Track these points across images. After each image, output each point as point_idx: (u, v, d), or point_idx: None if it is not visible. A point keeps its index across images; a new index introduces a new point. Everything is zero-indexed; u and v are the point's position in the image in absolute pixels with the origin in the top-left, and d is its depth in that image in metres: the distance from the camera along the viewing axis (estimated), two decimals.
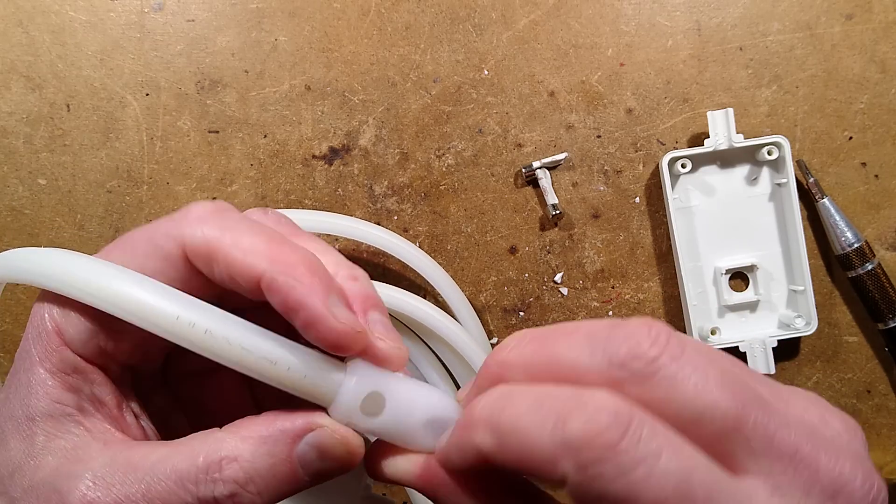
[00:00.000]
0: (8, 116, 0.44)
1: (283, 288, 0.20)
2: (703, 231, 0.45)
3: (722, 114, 0.43)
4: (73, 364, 0.22)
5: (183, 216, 0.22)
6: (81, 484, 0.20)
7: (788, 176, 0.43)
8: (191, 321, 0.20)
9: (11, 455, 0.21)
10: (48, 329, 0.22)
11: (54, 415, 0.22)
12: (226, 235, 0.21)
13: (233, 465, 0.20)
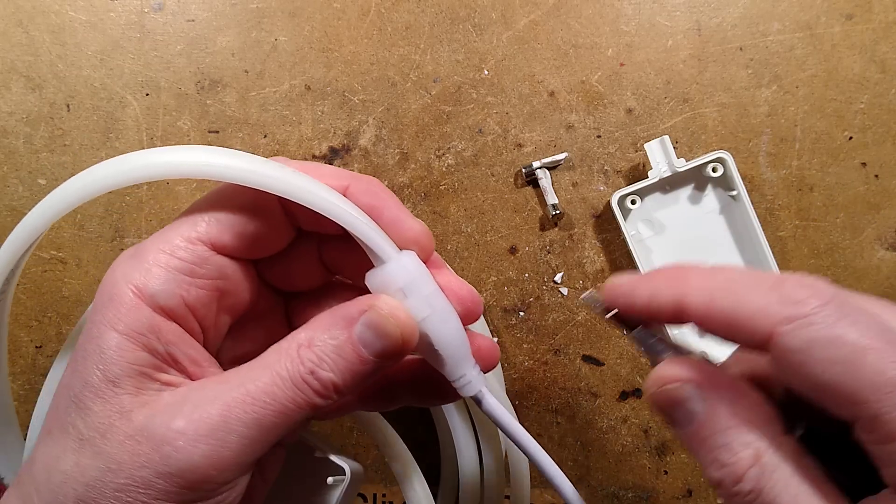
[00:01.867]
0: (8, 116, 0.44)
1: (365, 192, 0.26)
2: (667, 257, 0.45)
3: (657, 143, 0.42)
4: (148, 324, 0.23)
5: None
6: (179, 413, 0.22)
7: (738, 188, 0.42)
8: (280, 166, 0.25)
9: (98, 418, 0.22)
10: (122, 291, 0.23)
11: (133, 375, 0.23)
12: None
13: (308, 350, 0.23)
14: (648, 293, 0.23)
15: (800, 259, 0.45)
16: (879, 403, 0.18)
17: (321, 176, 0.26)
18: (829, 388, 0.19)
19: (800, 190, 0.45)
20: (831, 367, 0.19)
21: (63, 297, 0.44)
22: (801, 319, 0.20)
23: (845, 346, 0.19)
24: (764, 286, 0.21)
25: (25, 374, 0.44)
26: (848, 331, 0.19)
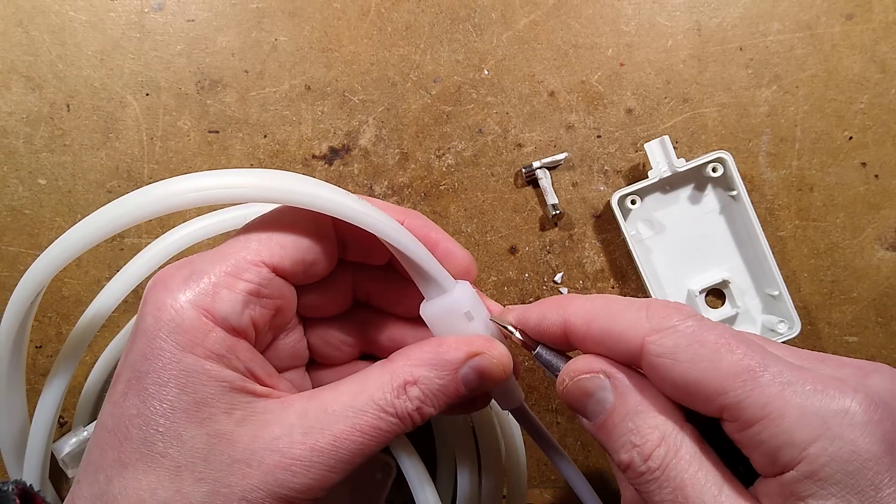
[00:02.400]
0: (8, 116, 0.44)
1: (420, 227, 0.28)
2: (667, 258, 0.45)
3: (657, 143, 0.42)
4: (225, 345, 0.24)
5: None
6: (290, 440, 0.23)
7: (738, 187, 0.42)
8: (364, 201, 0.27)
9: (195, 443, 0.23)
10: (192, 316, 0.23)
11: (223, 394, 0.23)
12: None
13: (414, 387, 0.25)
14: (538, 316, 0.27)
15: (800, 259, 0.45)
16: (738, 390, 0.21)
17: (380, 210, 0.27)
18: (695, 386, 0.22)
19: (800, 190, 0.45)
20: (695, 365, 0.22)
21: (63, 297, 0.44)
22: (666, 329, 0.23)
23: (706, 345, 0.22)
24: (634, 308, 0.24)
25: (25, 373, 0.44)
26: (707, 334, 0.22)
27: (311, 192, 0.25)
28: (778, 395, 0.20)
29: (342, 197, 0.26)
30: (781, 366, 0.21)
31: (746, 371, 0.21)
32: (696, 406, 0.22)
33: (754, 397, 0.20)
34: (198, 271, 0.24)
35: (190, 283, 0.24)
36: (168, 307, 0.23)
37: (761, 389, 0.20)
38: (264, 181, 0.25)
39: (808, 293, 0.45)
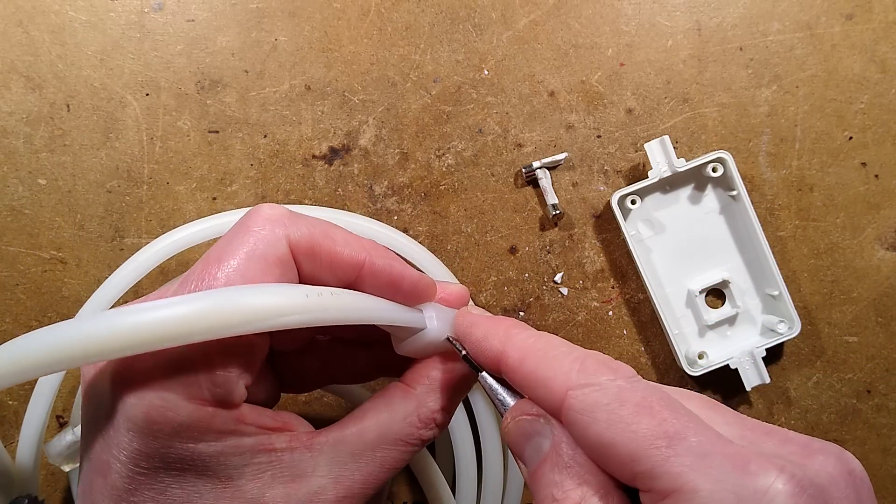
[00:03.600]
0: (8, 116, 0.44)
1: (385, 268, 0.25)
2: (667, 257, 0.45)
3: (657, 143, 0.42)
4: (229, 421, 0.23)
5: (265, 220, 0.23)
6: (322, 489, 0.23)
7: (738, 187, 0.42)
8: (319, 292, 0.23)
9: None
10: (188, 412, 0.21)
11: (246, 462, 0.23)
12: (318, 231, 0.24)
13: (439, 414, 0.26)
14: (481, 334, 0.25)
15: (800, 259, 0.45)
16: (652, 458, 0.19)
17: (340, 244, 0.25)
18: (610, 448, 0.20)
19: (800, 190, 0.45)
20: (611, 426, 0.20)
21: (63, 297, 0.44)
22: (591, 385, 0.21)
23: (626, 406, 0.20)
24: (570, 357, 0.22)
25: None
26: (632, 395, 0.20)
27: (246, 320, 0.20)
28: (693, 466, 0.19)
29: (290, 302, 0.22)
30: (704, 436, 0.19)
31: (664, 437, 0.19)
32: (612, 471, 0.21)
33: (668, 467, 0.19)
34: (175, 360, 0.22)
35: (170, 376, 0.21)
36: (158, 409, 0.21)
37: (677, 459, 0.19)
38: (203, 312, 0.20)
39: (808, 293, 0.45)
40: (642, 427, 0.20)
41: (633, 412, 0.20)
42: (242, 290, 0.21)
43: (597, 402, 0.21)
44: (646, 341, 0.45)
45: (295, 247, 0.23)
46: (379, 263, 0.25)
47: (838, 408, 0.45)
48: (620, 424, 0.20)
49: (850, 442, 0.45)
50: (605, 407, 0.20)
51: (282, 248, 0.23)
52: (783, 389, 0.45)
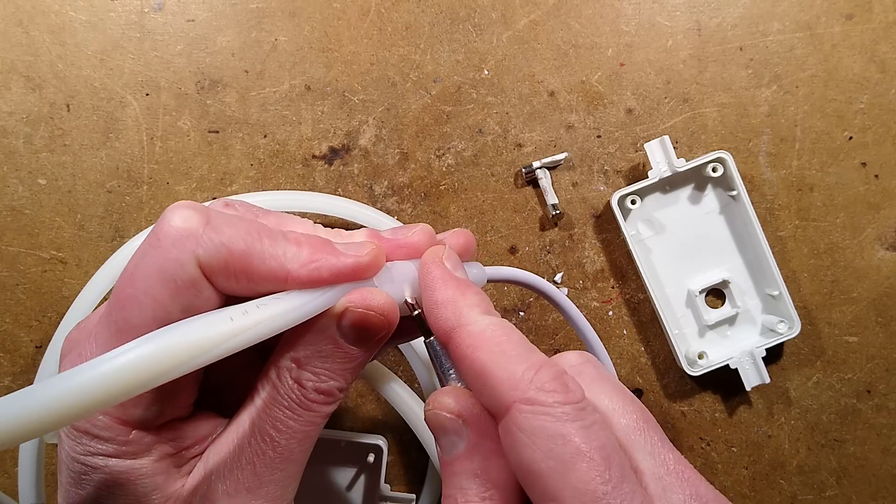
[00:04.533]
0: (8, 116, 0.44)
1: (311, 277, 0.23)
2: (667, 258, 0.45)
3: (657, 143, 0.42)
4: (150, 440, 0.23)
5: (175, 237, 0.22)
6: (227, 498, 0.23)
7: (738, 187, 0.42)
8: (244, 310, 0.22)
9: None
10: (107, 426, 0.22)
11: (158, 485, 0.23)
12: (236, 246, 0.22)
13: (298, 372, 0.23)
14: (441, 298, 0.24)
15: (800, 259, 0.45)
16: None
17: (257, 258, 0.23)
18: (537, 478, 0.20)
19: (800, 190, 0.45)
20: (547, 459, 0.20)
21: (63, 297, 0.44)
22: (540, 406, 0.20)
23: (567, 446, 0.19)
24: (526, 362, 0.21)
25: (25, 373, 0.44)
26: (576, 434, 0.20)
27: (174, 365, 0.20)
28: None
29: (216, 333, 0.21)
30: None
31: (590, 494, 0.19)
32: (529, 492, 0.21)
33: None
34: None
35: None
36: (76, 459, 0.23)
37: None
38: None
39: (808, 293, 0.45)
40: (573, 476, 0.19)
41: (572, 455, 0.19)
42: (163, 337, 0.20)
43: (541, 429, 0.20)
44: (646, 341, 0.45)
45: (206, 268, 0.22)
46: (303, 274, 0.23)
47: (838, 408, 0.45)
48: (553, 462, 0.19)
49: (849, 442, 0.45)
50: (545, 438, 0.20)
51: (190, 270, 0.22)
52: (783, 389, 0.45)
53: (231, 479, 0.23)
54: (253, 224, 0.23)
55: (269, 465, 0.23)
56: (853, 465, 0.45)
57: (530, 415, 0.20)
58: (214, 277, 0.22)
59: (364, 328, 0.23)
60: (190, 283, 0.22)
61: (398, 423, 0.44)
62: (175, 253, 0.21)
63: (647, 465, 0.21)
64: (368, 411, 0.45)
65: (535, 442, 0.20)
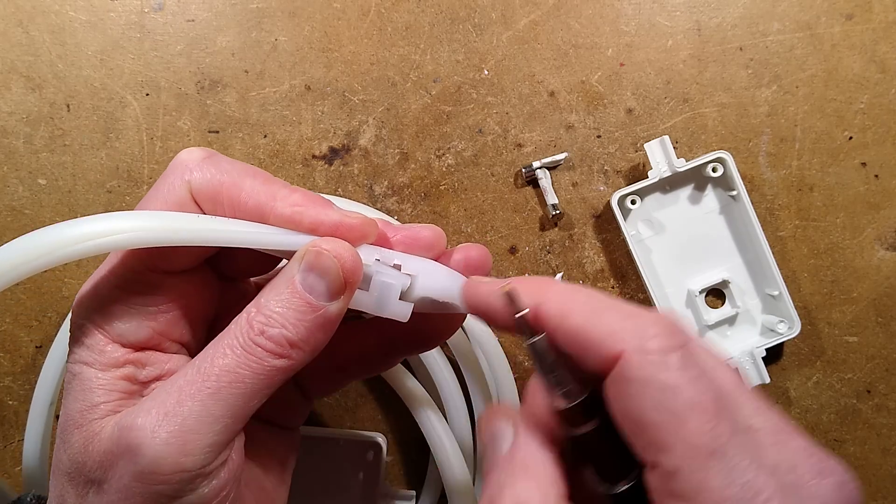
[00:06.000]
0: (8, 116, 0.44)
1: (292, 216, 0.24)
2: (667, 258, 0.45)
3: (657, 143, 0.42)
4: (123, 359, 0.23)
5: (175, 166, 0.25)
6: (142, 411, 0.22)
7: (738, 187, 0.42)
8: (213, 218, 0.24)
9: (77, 447, 0.22)
10: (91, 332, 0.23)
11: (111, 399, 0.23)
12: (227, 177, 0.24)
13: (254, 314, 0.23)
14: (522, 289, 0.23)
15: (800, 259, 0.45)
16: (685, 462, 0.19)
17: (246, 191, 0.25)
18: (647, 429, 0.20)
19: (800, 190, 0.45)
20: (658, 411, 0.19)
21: (63, 297, 0.44)
22: (649, 355, 0.20)
23: (679, 398, 0.19)
24: (621, 313, 0.21)
25: (25, 374, 0.44)
26: (687, 386, 0.20)
27: (148, 227, 0.23)
28: (718, 491, 0.19)
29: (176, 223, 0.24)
30: (740, 459, 0.19)
31: (704, 448, 0.19)
32: (633, 445, 0.21)
33: (695, 478, 0.19)
34: (99, 285, 0.24)
35: (93, 299, 0.24)
36: (75, 323, 0.24)
37: (706, 475, 0.19)
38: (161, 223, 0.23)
39: (808, 293, 0.45)
40: (689, 427, 0.19)
41: (684, 407, 0.19)
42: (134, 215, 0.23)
43: (651, 380, 0.20)
44: None
45: (196, 193, 0.24)
46: (286, 212, 0.24)
47: (838, 408, 0.45)
48: (666, 415, 0.19)
49: (849, 442, 0.45)
50: (657, 390, 0.20)
51: (181, 193, 0.24)
52: (783, 389, 0.45)
53: (157, 399, 0.22)
54: (254, 168, 0.25)
55: (193, 395, 0.22)
56: (853, 465, 0.45)
57: (638, 365, 0.20)
58: (202, 202, 0.24)
59: (319, 270, 0.23)
60: (178, 204, 0.24)
61: (398, 422, 0.45)
62: (170, 178, 0.25)
63: (756, 420, 0.21)
64: (368, 411, 0.45)
65: (645, 393, 0.20)
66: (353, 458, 0.41)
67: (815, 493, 0.19)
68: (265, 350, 0.22)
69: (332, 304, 0.23)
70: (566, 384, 0.22)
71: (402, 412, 0.42)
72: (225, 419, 0.22)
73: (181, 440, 0.21)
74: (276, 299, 0.23)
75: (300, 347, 0.23)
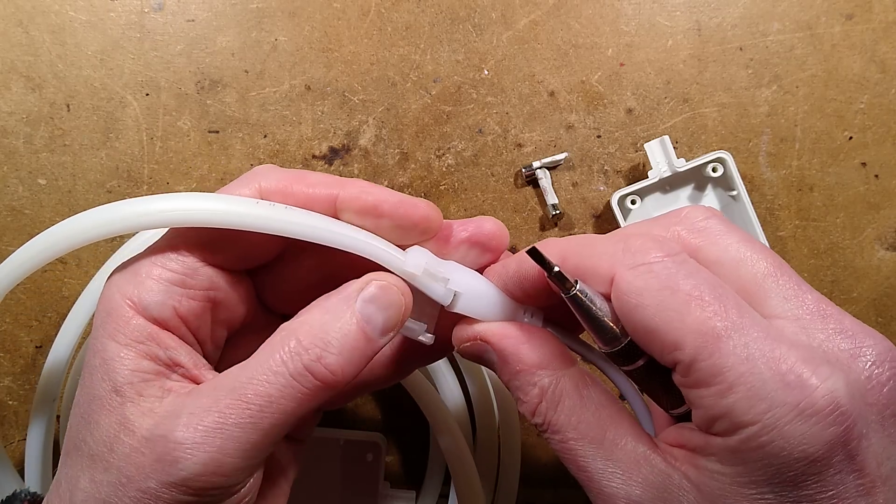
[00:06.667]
0: (8, 116, 0.44)
1: (357, 196, 0.25)
2: None
3: (657, 143, 0.42)
4: (146, 333, 0.23)
5: (245, 177, 0.26)
6: (176, 423, 0.22)
7: (738, 187, 0.42)
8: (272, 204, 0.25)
9: (104, 431, 0.22)
10: (118, 304, 0.23)
11: (135, 382, 0.23)
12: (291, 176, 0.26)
13: (305, 335, 0.22)
14: (516, 264, 0.25)
15: (800, 259, 0.45)
16: (697, 352, 0.20)
17: (310, 185, 0.25)
18: (655, 333, 0.20)
19: (800, 190, 0.45)
20: (660, 313, 0.20)
21: (63, 297, 0.44)
22: (641, 266, 0.21)
23: (676, 295, 0.20)
24: (612, 240, 0.22)
25: (25, 373, 0.44)
26: (683, 282, 0.20)
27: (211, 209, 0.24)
28: (734, 367, 0.19)
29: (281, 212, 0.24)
30: (751, 335, 0.19)
31: (711, 333, 0.19)
32: (651, 351, 0.21)
33: (710, 363, 0.19)
34: (135, 262, 0.24)
35: (125, 273, 0.24)
36: (104, 297, 0.24)
37: (719, 357, 0.19)
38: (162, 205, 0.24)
39: None
40: (690, 319, 0.20)
41: (683, 302, 0.20)
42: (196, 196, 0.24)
43: (646, 287, 0.21)
44: None
45: (264, 193, 0.25)
46: (353, 191, 0.25)
47: None
48: (668, 313, 0.20)
49: None
50: (654, 293, 0.20)
51: (247, 193, 0.25)
52: None
53: (196, 414, 0.22)
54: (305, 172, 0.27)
55: (235, 423, 0.22)
56: None
57: (632, 277, 0.21)
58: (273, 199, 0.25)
59: (381, 304, 0.23)
60: None
61: (397, 422, 0.45)
62: (237, 185, 0.26)
63: (782, 308, 0.21)
64: (368, 411, 0.45)
65: (645, 300, 0.20)
66: (352, 459, 0.41)
67: (849, 369, 0.19)
68: (316, 377, 0.22)
69: (384, 338, 0.24)
70: (608, 330, 0.23)
71: (402, 412, 0.42)
72: (262, 445, 0.22)
73: (217, 462, 0.21)
74: (336, 327, 0.23)
75: (346, 376, 0.23)
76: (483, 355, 0.25)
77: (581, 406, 0.23)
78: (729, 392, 0.19)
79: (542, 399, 0.23)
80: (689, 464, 0.21)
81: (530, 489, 0.44)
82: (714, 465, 0.20)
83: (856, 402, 0.19)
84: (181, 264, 0.24)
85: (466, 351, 0.25)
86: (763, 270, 0.22)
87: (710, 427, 0.20)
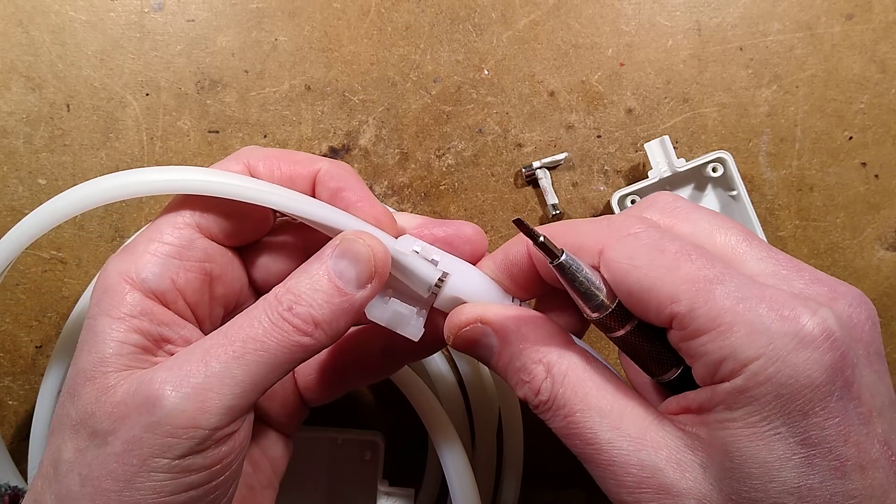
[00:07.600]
0: (8, 116, 0.44)
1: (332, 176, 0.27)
2: None
3: (657, 143, 0.42)
4: (140, 308, 0.24)
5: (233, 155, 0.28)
6: (164, 368, 0.22)
7: (738, 187, 0.42)
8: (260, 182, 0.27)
9: (86, 399, 0.22)
10: (114, 282, 0.24)
11: (123, 353, 0.23)
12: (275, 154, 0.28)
13: (283, 292, 0.24)
14: (503, 252, 0.27)
15: (800, 259, 0.45)
16: (692, 299, 0.20)
17: (295, 162, 0.27)
18: (649, 291, 0.21)
19: (800, 190, 0.45)
20: (652, 271, 0.21)
21: (63, 297, 0.44)
22: (628, 236, 0.22)
23: (665, 253, 0.21)
24: (596, 222, 0.24)
25: (25, 374, 0.44)
26: (669, 244, 0.21)
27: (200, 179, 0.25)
28: (730, 308, 0.20)
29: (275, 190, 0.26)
30: (741, 280, 0.20)
31: (703, 280, 0.20)
32: (647, 315, 0.22)
33: (706, 308, 0.20)
34: (132, 243, 0.25)
35: (122, 254, 0.25)
36: (100, 278, 0.24)
37: (715, 301, 0.20)
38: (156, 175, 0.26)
39: None
40: (682, 272, 0.21)
41: (673, 259, 0.21)
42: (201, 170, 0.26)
43: (635, 250, 0.22)
44: None
45: (252, 169, 0.27)
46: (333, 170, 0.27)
47: None
48: (660, 270, 0.21)
49: None
50: (644, 254, 0.21)
51: (236, 169, 0.27)
52: None
53: (179, 358, 0.23)
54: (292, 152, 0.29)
55: (218, 355, 0.22)
56: None
57: (622, 245, 0.22)
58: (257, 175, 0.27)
59: (351, 257, 0.24)
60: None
61: (396, 421, 0.45)
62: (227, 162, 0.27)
63: (759, 267, 0.22)
64: (366, 410, 0.45)
65: (636, 261, 0.21)
66: (351, 457, 0.41)
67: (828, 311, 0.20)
68: (291, 325, 0.23)
69: (359, 292, 0.24)
70: (595, 296, 0.23)
71: (401, 411, 0.42)
72: (245, 384, 0.22)
73: (201, 397, 0.22)
74: (306, 281, 0.24)
75: (324, 329, 0.24)
76: (481, 339, 0.25)
77: (587, 378, 0.23)
78: (729, 333, 0.20)
79: (548, 374, 0.23)
80: (696, 423, 0.21)
81: (530, 489, 0.44)
82: (723, 414, 0.20)
83: (845, 334, 0.20)
84: (177, 237, 0.25)
85: (463, 338, 0.25)
86: (735, 238, 0.23)
87: (714, 374, 0.20)
